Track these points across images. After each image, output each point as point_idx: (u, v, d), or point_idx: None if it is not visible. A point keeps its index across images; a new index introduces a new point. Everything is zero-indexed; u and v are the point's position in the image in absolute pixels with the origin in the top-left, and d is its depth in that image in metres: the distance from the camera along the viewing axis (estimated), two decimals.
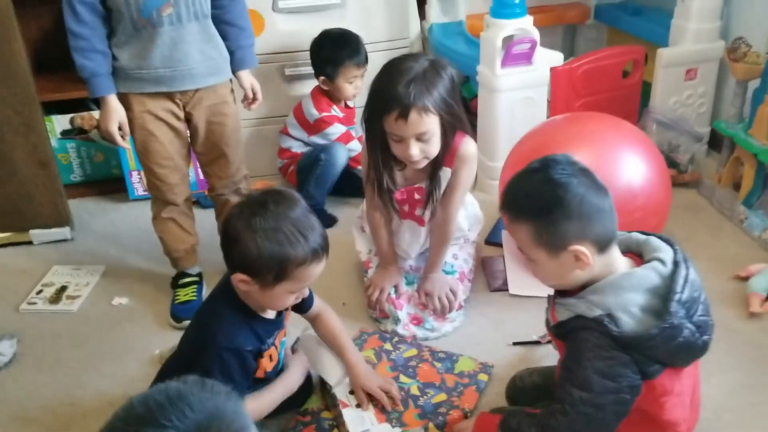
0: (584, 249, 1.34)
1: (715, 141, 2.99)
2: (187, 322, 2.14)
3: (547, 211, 1.35)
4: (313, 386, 1.91)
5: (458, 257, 2.24)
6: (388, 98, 1.84)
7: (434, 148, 1.92)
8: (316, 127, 2.78)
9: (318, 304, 1.85)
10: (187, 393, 0.88)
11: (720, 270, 2.32)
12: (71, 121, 2.96)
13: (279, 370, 1.76)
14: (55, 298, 2.35)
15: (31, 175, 2.58)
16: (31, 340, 2.17)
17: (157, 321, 2.24)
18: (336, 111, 2.81)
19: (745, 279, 2.22)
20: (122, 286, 2.42)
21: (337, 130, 2.78)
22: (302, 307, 1.81)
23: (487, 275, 2.37)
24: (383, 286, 2.16)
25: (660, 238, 1.45)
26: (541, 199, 1.37)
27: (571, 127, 2.29)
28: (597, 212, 1.35)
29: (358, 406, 1.76)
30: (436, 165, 2.02)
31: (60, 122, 2.95)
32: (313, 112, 2.77)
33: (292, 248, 1.45)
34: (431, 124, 1.86)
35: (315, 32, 2.86)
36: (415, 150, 1.89)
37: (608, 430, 1.39)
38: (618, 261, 1.41)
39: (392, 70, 1.88)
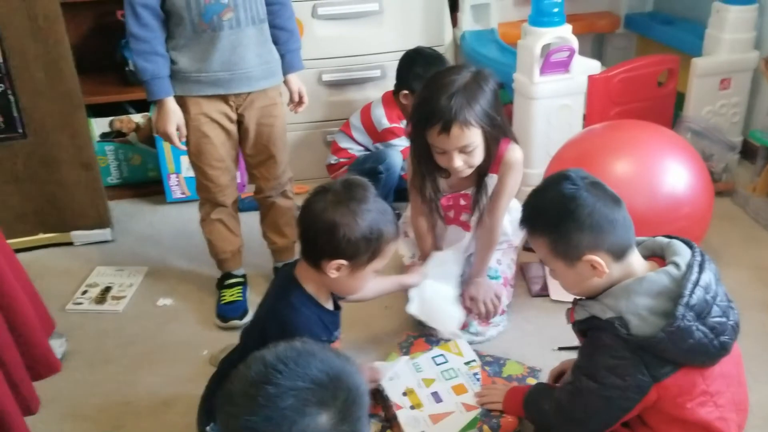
0: (599, 258, 1.42)
1: (747, 150, 3.02)
2: (234, 322, 2.19)
3: (559, 224, 1.44)
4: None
5: (502, 262, 2.26)
6: (431, 112, 1.87)
7: (477, 158, 1.96)
8: (382, 136, 2.81)
9: None
10: (315, 350, 0.96)
11: (758, 279, 2.35)
12: (110, 124, 2.99)
13: None
14: (101, 299, 2.38)
15: (74, 176, 2.61)
16: (80, 340, 2.20)
17: (202, 321, 2.27)
18: (404, 124, 2.82)
19: None
20: (166, 287, 2.45)
21: (402, 143, 2.79)
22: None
23: (527, 280, 2.39)
24: None
25: (682, 240, 1.50)
26: (554, 213, 1.46)
27: (614, 134, 2.31)
28: (609, 223, 1.42)
29: (413, 408, 1.79)
30: (482, 172, 2.04)
31: (99, 125, 2.98)
32: (383, 121, 2.80)
33: (385, 225, 1.58)
34: (473, 137, 1.89)
35: (353, 38, 2.91)
36: (458, 162, 1.93)
37: (612, 420, 1.45)
38: (637, 266, 1.46)
39: (435, 83, 1.91)
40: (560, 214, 1.44)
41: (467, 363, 1.95)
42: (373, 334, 2.18)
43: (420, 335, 2.11)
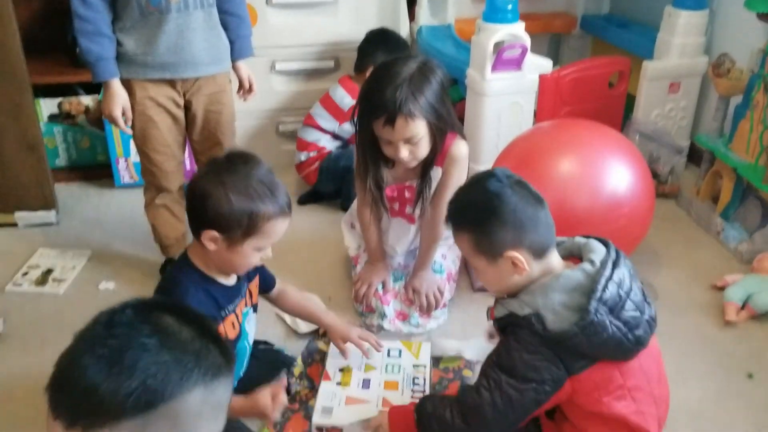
0: (520, 255, 1.44)
1: (694, 154, 3.08)
2: None
3: (483, 221, 1.46)
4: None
5: (447, 257, 2.28)
6: (376, 104, 1.88)
7: (423, 149, 1.97)
8: (350, 113, 2.78)
9: (279, 284, 1.90)
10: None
11: (697, 280, 2.40)
12: (59, 106, 2.95)
13: (242, 347, 1.76)
14: (42, 281, 2.35)
15: (18, 157, 2.57)
16: (17, 321, 2.17)
17: None
18: None
19: (722, 289, 2.30)
20: (109, 271, 2.42)
21: None
22: (266, 287, 1.86)
23: (471, 275, 2.41)
24: (371, 281, 2.19)
25: (598, 239, 1.54)
26: (478, 210, 1.48)
27: (560, 133, 2.34)
28: (530, 221, 1.45)
29: (339, 384, 1.84)
30: (426, 164, 2.06)
31: (47, 106, 2.94)
32: (346, 100, 2.78)
33: (262, 202, 1.52)
34: (418, 129, 1.91)
35: (307, 28, 2.90)
36: (404, 153, 1.94)
37: (525, 413, 1.47)
38: (556, 265, 1.49)
39: (381, 74, 1.92)
40: (484, 211, 1.46)
41: (416, 366, 1.96)
42: None
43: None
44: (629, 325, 1.40)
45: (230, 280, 1.68)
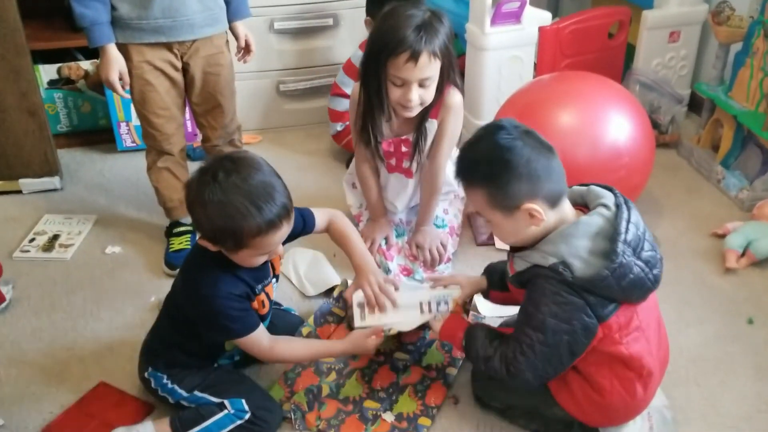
0: (537, 206, 1.44)
1: (694, 103, 3.07)
2: None
3: (496, 176, 1.45)
4: None
5: (449, 212, 2.30)
6: (398, 41, 1.86)
7: (431, 94, 1.98)
8: None
9: (324, 218, 1.86)
10: None
11: (697, 227, 2.41)
12: (58, 71, 2.94)
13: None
14: (48, 246, 2.37)
15: (20, 123, 2.57)
16: (26, 287, 2.20)
17: (150, 269, 2.28)
18: None
19: (722, 236, 2.32)
20: (115, 235, 2.44)
21: None
22: (305, 230, 1.82)
23: (474, 229, 2.43)
24: (374, 237, 2.22)
25: (599, 186, 1.54)
26: (490, 165, 1.46)
27: (560, 85, 2.34)
28: (544, 171, 1.44)
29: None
30: (422, 116, 2.06)
31: (47, 72, 2.93)
32: None
33: (244, 220, 1.44)
34: (435, 69, 1.92)
35: None
36: (415, 95, 1.93)
37: (563, 366, 1.50)
38: (569, 213, 1.50)
39: (397, 15, 1.91)
40: (497, 165, 1.44)
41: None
42: None
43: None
44: (649, 264, 1.43)
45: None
